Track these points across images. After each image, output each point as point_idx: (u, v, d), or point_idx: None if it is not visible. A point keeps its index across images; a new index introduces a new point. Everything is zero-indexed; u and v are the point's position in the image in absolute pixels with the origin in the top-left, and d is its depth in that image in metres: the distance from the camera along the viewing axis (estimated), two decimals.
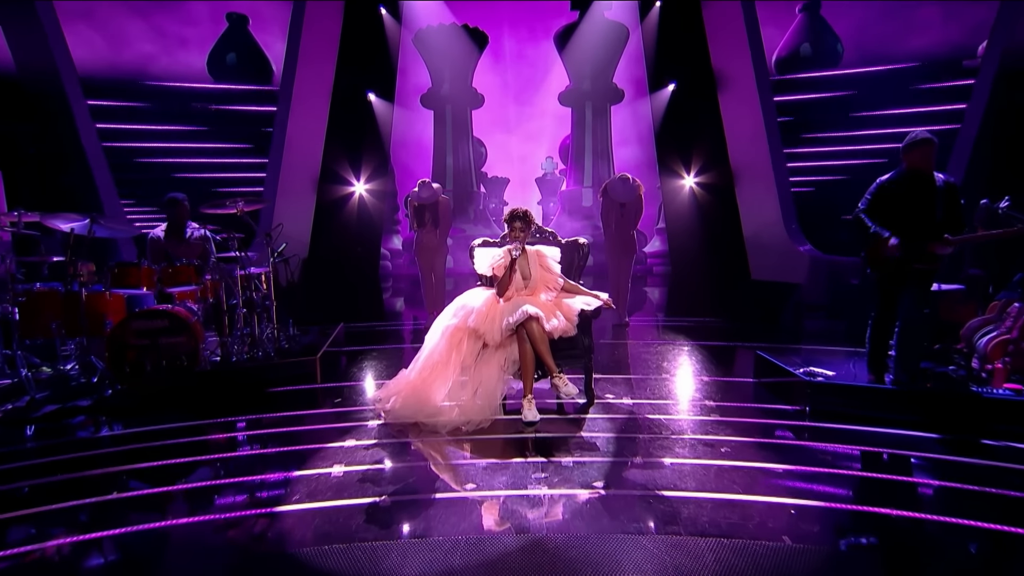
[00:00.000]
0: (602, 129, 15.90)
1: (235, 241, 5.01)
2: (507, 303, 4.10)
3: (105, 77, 9.49)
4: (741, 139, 9.22)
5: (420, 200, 7.06)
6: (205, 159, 10.10)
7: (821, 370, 4.36)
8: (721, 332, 7.04)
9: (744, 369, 5.18)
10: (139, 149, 9.62)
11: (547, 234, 4.77)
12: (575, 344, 4.20)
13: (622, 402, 4.34)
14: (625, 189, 6.86)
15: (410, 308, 9.59)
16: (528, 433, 3.72)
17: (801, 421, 3.88)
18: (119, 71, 9.66)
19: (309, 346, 5.55)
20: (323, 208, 10.36)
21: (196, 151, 10.06)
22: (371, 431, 3.82)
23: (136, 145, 9.58)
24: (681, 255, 10.96)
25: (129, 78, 9.68)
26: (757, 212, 9.14)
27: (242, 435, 3.86)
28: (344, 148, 10.72)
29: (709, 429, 3.74)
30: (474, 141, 16.65)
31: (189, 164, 10.05)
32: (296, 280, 5.93)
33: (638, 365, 5.43)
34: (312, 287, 9.83)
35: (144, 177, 9.11)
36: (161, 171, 9.57)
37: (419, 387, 4.05)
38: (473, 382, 3.97)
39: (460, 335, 4.06)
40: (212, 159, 10.13)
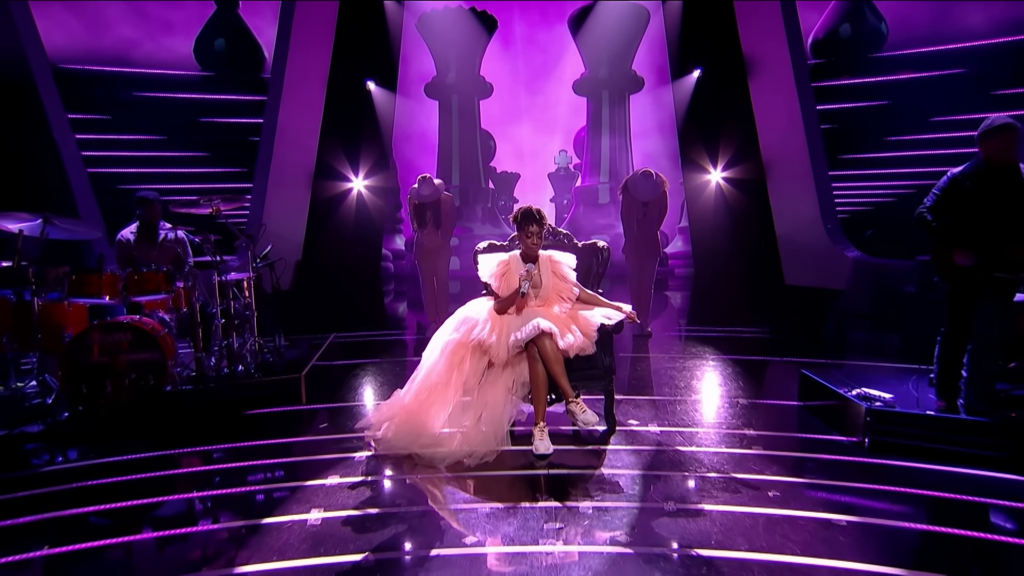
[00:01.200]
0: (620, 120, 15.60)
1: (210, 244, 4.69)
2: (516, 316, 3.77)
3: (82, 64, 9.28)
4: (774, 129, 8.95)
5: (421, 198, 6.76)
6: (189, 152, 9.83)
7: (876, 392, 3.96)
8: (755, 345, 6.67)
9: (785, 390, 4.80)
10: (115, 141, 9.38)
11: (561, 236, 4.43)
12: (593, 363, 3.84)
13: (648, 430, 3.97)
14: (648, 186, 6.52)
15: (413, 314, 9.27)
16: (540, 468, 3.39)
17: (861, 457, 3.48)
18: (97, 58, 9.44)
19: (295, 361, 5.26)
20: (318, 206, 10.22)
21: (181, 143, 9.81)
22: (358, 465, 3.49)
23: (113, 137, 9.34)
24: (706, 257, 10.69)
25: (108, 66, 9.46)
26: (792, 210, 8.86)
27: (209, 469, 3.53)
28: (341, 141, 10.59)
29: (752, 466, 3.35)
30: (482, 133, 16.41)
31: (170, 159, 9.79)
32: (281, 286, 5.62)
33: (664, 384, 5.06)
34: (306, 293, 9.70)
35: (118, 173, 8.87)
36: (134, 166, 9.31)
37: (415, 412, 3.73)
38: (477, 406, 3.65)
39: (462, 352, 3.74)
40: (197, 152, 9.86)
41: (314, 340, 6.34)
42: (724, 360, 5.87)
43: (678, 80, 10.84)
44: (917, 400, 3.89)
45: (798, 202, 8.72)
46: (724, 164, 10.23)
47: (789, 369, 5.54)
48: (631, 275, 6.96)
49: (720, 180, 10.41)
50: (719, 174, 10.40)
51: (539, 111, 18.57)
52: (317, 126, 9.92)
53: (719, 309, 8.88)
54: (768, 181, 9.16)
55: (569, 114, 17.80)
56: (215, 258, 4.58)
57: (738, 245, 9.91)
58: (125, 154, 9.43)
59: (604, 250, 4.40)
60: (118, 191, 8.29)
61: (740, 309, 8.53)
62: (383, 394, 4.73)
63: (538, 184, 18.82)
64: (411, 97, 15.22)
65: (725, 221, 10.32)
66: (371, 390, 5.08)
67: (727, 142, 9.97)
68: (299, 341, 6.30)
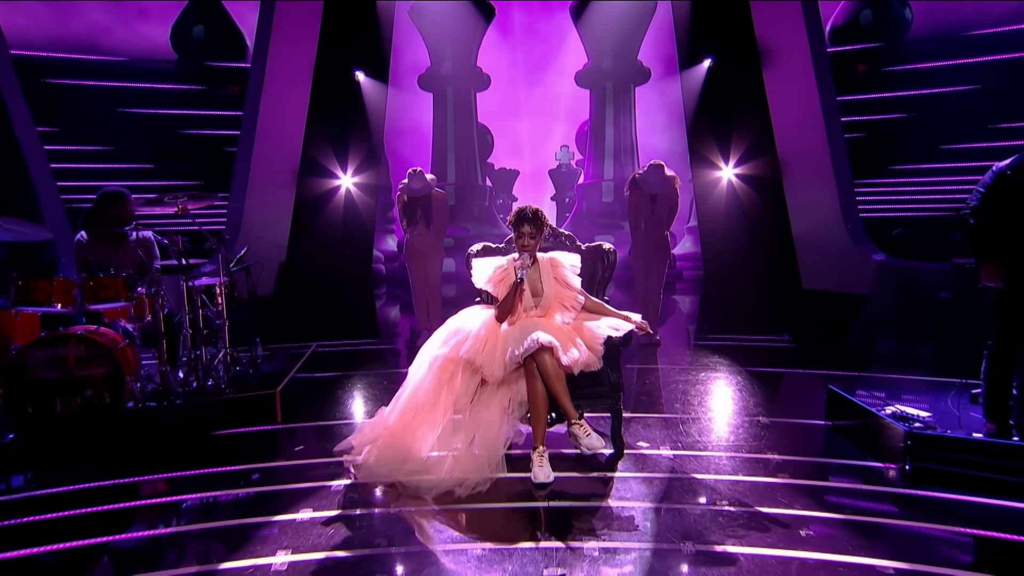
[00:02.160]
0: (625, 114, 15.35)
1: (177, 246, 4.44)
2: (512, 327, 3.53)
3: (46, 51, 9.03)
4: (791, 122, 8.76)
5: (411, 192, 6.53)
6: (163, 147, 9.60)
7: (913, 410, 3.70)
8: (772, 355, 6.44)
9: (809, 406, 4.55)
10: (82, 135, 9.13)
11: (563, 238, 4.19)
12: (599, 380, 3.60)
13: (659, 454, 3.72)
14: (659, 179, 6.30)
15: (407, 319, 9.04)
16: (540, 499, 3.14)
17: (902, 487, 3.21)
18: (64, 45, 9.17)
19: (271, 374, 5.02)
20: (304, 205, 10.05)
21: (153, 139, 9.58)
22: (335, 496, 3.23)
23: (80, 131, 9.10)
24: (717, 259, 10.49)
25: (76, 53, 9.20)
26: (810, 208, 8.67)
27: (165, 502, 3.26)
28: (328, 135, 10.43)
29: (779, 498, 3.09)
30: (479, 128, 16.19)
31: (140, 154, 9.54)
32: (257, 291, 5.40)
33: (675, 399, 4.82)
34: (289, 298, 9.51)
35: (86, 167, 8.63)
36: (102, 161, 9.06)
37: (400, 434, 3.48)
38: (469, 427, 3.41)
39: (451, 368, 3.50)
40: (173, 147, 9.61)
41: (295, 350, 6.11)
42: (740, 372, 5.62)
43: (687, 70, 10.64)
44: (959, 420, 3.65)
45: (817, 200, 8.53)
46: (737, 160, 10.04)
47: (812, 383, 5.32)
48: (638, 278, 6.74)
49: (732, 177, 10.22)
50: (731, 170, 10.21)
51: (539, 104, 18.39)
52: (302, 119, 9.72)
53: (732, 315, 8.67)
54: (784, 178, 8.96)
55: (571, 107, 17.61)
56: (181, 261, 4.31)
57: (751, 246, 9.72)
58: (92, 148, 9.17)
59: (610, 253, 4.15)
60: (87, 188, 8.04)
61: (755, 315, 8.33)
62: (369, 411, 4.50)
63: (538, 181, 18.68)
64: (404, 89, 15.04)
65: (737, 221, 10.16)
66: (355, 407, 4.83)
67: (740, 136, 9.78)
68: (279, 351, 6.06)
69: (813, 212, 8.58)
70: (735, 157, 10.03)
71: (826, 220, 8.42)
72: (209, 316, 4.83)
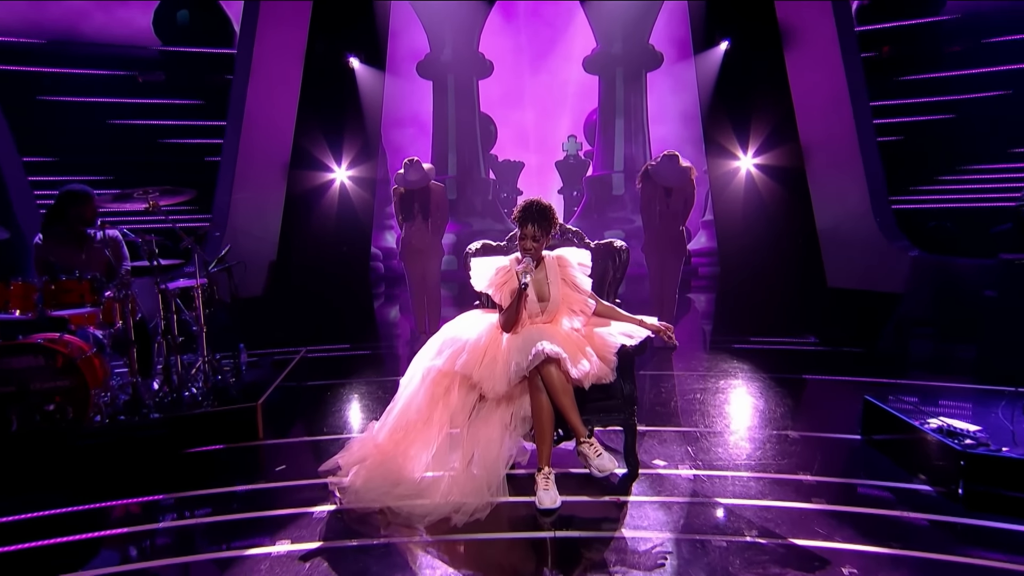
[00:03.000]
0: (636, 101, 15.06)
1: (149, 246, 4.24)
2: (515, 336, 3.32)
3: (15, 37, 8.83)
4: (815, 108, 8.52)
5: (407, 184, 6.36)
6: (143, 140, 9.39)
7: (960, 424, 3.45)
8: (797, 359, 6.22)
9: (842, 418, 4.30)
10: (59, 128, 8.93)
11: (571, 235, 3.97)
12: (611, 393, 3.38)
13: (678, 474, 3.49)
14: (673, 171, 6.10)
15: (407, 321, 8.92)
16: (545, 528, 2.93)
17: (956, 515, 2.96)
18: (38, 31, 8.97)
19: (254, 384, 4.80)
20: (295, 200, 9.88)
21: (132, 131, 9.36)
22: (317, 524, 3.02)
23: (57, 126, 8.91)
24: (734, 255, 10.29)
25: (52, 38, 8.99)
26: (836, 200, 8.44)
27: (126, 532, 3.04)
28: (321, 126, 10.23)
29: (816, 528, 2.85)
30: (481, 117, 15.99)
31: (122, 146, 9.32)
32: (239, 293, 5.25)
33: (693, 410, 4.59)
34: (281, 299, 9.33)
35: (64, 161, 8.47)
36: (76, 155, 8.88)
37: (390, 454, 3.28)
38: (468, 445, 3.21)
39: (446, 383, 3.30)
40: (152, 140, 9.40)
41: (283, 356, 5.91)
42: (763, 379, 5.39)
43: (702, 54, 10.40)
44: (1012, 435, 3.38)
45: (844, 192, 8.29)
46: (756, 149, 9.81)
47: (843, 391, 5.09)
48: (652, 277, 6.56)
49: (751, 167, 10.01)
50: (750, 160, 10.00)
51: (545, 92, 18.09)
52: (293, 109, 9.47)
53: (751, 315, 8.43)
54: (807, 167, 8.71)
55: (579, 95, 17.32)
56: (153, 262, 4.11)
57: (772, 241, 9.49)
58: (66, 144, 8.97)
59: (622, 251, 3.93)
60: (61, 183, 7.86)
61: (776, 316, 8.05)
62: (361, 425, 4.32)
63: (544, 174, 18.40)
64: (401, 77, 14.81)
65: (757, 214, 9.94)
66: (345, 420, 4.63)
67: (759, 123, 9.55)
68: (266, 358, 5.87)
69: (840, 204, 8.36)
70: (754, 146, 9.83)
71: (854, 213, 8.19)
72: (188, 321, 4.63)
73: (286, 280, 9.60)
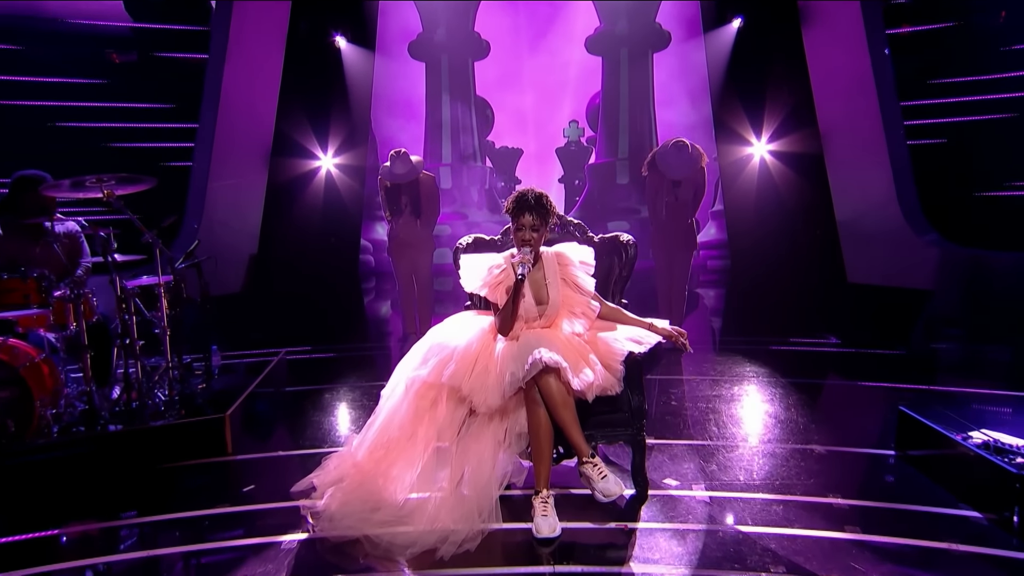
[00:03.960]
0: (642, 83, 14.89)
1: (104, 239, 4.00)
2: (510, 343, 3.13)
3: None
4: (836, 89, 8.46)
5: (393, 178, 6.20)
6: (112, 123, 9.10)
7: (1008, 439, 3.23)
8: (818, 362, 6.03)
9: (872, 430, 4.11)
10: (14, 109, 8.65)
11: (572, 228, 3.75)
12: (618, 405, 3.17)
13: (692, 495, 3.27)
14: (681, 160, 5.92)
15: (399, 318, 8.71)
16: (544, 561, 2.72)
17: (1012, 550, 2.72)
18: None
19: (225, 391, 4.58)
20: (278, 189, 9.90)
21: (99, 112, 9.09)
22: (285, 557, 2.80)
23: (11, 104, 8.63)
24: (746, 247, 10.37)
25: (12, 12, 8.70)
26: (858, 189, 8.38)
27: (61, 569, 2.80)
28: (306, 110, 10.24)
29: (851, 562, 2.62)
30: (477, 101, 15.88)
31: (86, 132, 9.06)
32: (210, 291, 5.03)
33: (706, 420, 4.37)
34: (262, 295, 9.27)
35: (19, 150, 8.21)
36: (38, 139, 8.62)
37: (370, 474, 3.08)
38: (457, 463, 3.01)
39: (432, 395, 3.11)
40: (123, 123, 9.14)
41: (262, 358, 5.76)
42: (782, 384, 5.16)
43: (712, 32, 10.40)
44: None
45: (866, 179, 8.18)
46: (771, 134, 9.83)
47: (871, 398, 4.90)
48: (659, 273, 6.40)
49: (765, 154, 10.01)
50: (764, 146, 9.99)
51: (545, 74, 17.80)
52: (275, 92, 9.45)
53: (765, 313, 8.29)
54: (826, 154, 8.70)
55: (581, 78, 17.09)
56: (108, 258, 3.87)
57: (787, 233, 9.52)
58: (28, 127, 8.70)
59: (629, 246, 3.71)
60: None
61: (792, 314, 7.92)
62: (342, 437, 4.09)
63: (544, 161, 18.25)
64: (392, 58, 14.62)
65: (771, 204, 9.94)
66: (325, 432, 4.38)
67: (774, 107, 9.55)
68: (242, 361, 5.74)
69: (861, 193, 8.27)
70: (769, 131, 9.80)
71: (876, 202, 8.07)
72: (153, 321, 4.41)
73: (267, 275, 9.55)
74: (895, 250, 7.79)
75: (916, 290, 7.43)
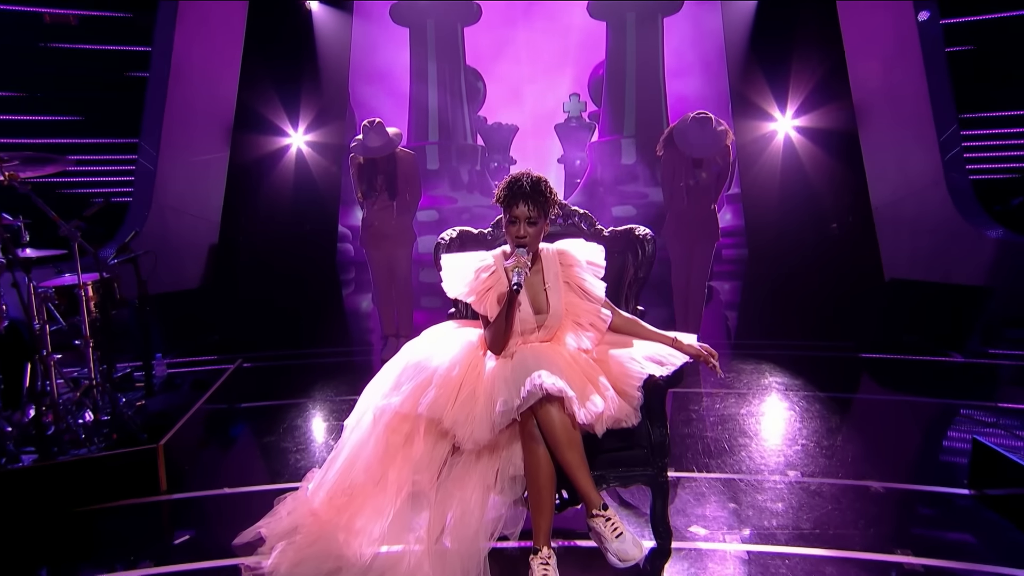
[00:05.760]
0: (650, 52, 14.71)
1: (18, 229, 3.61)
2: (502, 362, 2.82)
3: None
4: (874, 55, 8.20)
5: (367, 152, 5.85)
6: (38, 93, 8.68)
7: None
8: (858, 372, 5.76)
9: (935, 459, 3.81)
10: None
11: (576, 218, 3.40)
12: (634, 439, 2.80)
13: (725, 549, 2.89)
14: (704, 136, 5.64)
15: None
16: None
17: None
18: None
19: (162, 413, 4.21)
20: (241, 170, 9.70)
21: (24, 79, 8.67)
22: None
23: None
24: (767, 235, 10.33)
25: None
26: (898, 170, 8.10)
27: None
28: (273, 80, 10.11)
29: None
30: (468, 72, 15.75)
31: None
32: (148, 290, 4.77)
33: (735, 445, 4.01)
34: (224, 292, 9.07)
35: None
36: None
37: (330, 525, 2.78)
38: (437, 512, 2.70)
39: (407, 429, 2.79)
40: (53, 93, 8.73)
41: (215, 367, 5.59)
42: (819, 400, 4.82)
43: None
44: None
45: (908, 159, 7.87)
46: (797, 107, 9.75)
47: (927, 416, 4.60)
48: (676, 267, 6.15)
49: (790, 130, 9.93)
50: (789, 121, 9.91)
51: (542, 42, 17.60)
52: (236, 59, 9.16)
53: (789, 311, 8.12)
54: (861, 129, 8.45)
55: (583, 45, 16.87)
56: (8, 255, 3.48)
57: (814, 220, 9.48)
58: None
59: (646, 241, 3.36)
60: None
61: (821, 313, 7.75)
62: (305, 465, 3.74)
63: (542, 139, 18.00)
64: (372, 21, 14.47)
65: (796, 186, 9.85)
66: (284, 463, 4.00)
67: (801, 77, 9.45)
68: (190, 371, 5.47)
69: (902, 175, 7.97)
70: (795, 104, 9.68)
71: (919, 185, 7.73)
72: (74, 329, 4.02)
73: (230, 269, 9.36)
74: (942, 240, 7.56)
75: (968, 286, 7.21)
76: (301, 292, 9.78)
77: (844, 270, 8.80)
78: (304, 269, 10.44)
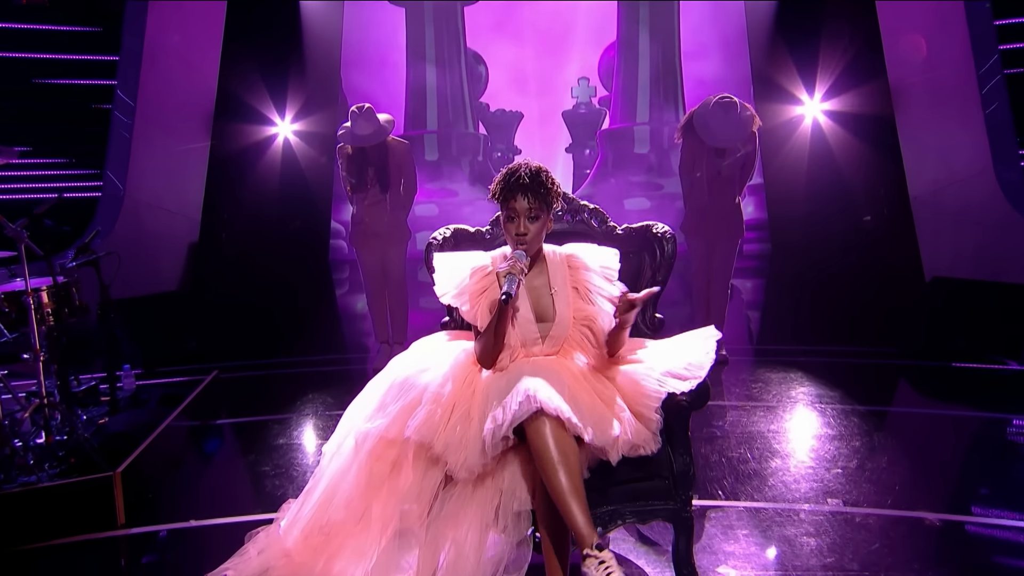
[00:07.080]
0: (666, 32, 14.86)
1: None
2: (497, 376, 2.67)
3: None
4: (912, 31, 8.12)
5: (356, 141, 5.74)
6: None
7: None
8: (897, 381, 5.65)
9: (996, 485, 3.61)
10: None
11: (585, 215, 3.24)
12: (653, 468, 2.61)
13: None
14: (729, 123, 5.51)
15: None
16: None
17: None
18: None
19: (125, 434, 4.07)
20: (223, 162, 9.80)
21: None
22: None
23: None
24: (793, 229, 10.43)
25: None
26: (939, 158, 8.04)
27: None
28: (258, 65, 10.20)
29: None
30: (469, 55, 15.85)
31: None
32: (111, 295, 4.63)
33: (765, 470, 3.81)
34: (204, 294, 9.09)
35: None
36: None
37: (305, 568, 2.63)
38: (428, 553, 2.52)
39: (393, 456, 2.63)
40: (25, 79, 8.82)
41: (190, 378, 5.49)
42: (859, 414, 4.66)
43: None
44: None
45: (951, 146, 7.79)
46: (826, 90, 9.74)
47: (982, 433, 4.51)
48: (696, 265, 6.05)
49: (819, 114, 9.96)
50: (817, 105, 9.99)
51: (550, 22, 17.62)
52: (217, 41, 9.20)
53: (818, 312, 8.00)
54: (898, 113, 8.38)
55: (592, 26, 16.96)
56: None
57: (845, 213, 9.51)
58: None
59: (665, 240, 3.19)
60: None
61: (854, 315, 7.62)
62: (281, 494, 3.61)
63: (548, 127, 18.00)
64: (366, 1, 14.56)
65: (825, 176, 9.89)
66: (259, 490, 3.87)
67: (831, 57, 9.44)
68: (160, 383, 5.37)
69: (944, 163, 7.88)
70: (824, 86, 9.72)
71: (965, 174, 7.61)
72: (28, 338, 3.88)
73: (212, 268, 9.41)
74: (990, 234, 7.47)
75: (1021, 285, 7.11)
76: (289, 294, 9.76)
77: (878, 267, 8.79)
78: (292, 269, 10.45)
